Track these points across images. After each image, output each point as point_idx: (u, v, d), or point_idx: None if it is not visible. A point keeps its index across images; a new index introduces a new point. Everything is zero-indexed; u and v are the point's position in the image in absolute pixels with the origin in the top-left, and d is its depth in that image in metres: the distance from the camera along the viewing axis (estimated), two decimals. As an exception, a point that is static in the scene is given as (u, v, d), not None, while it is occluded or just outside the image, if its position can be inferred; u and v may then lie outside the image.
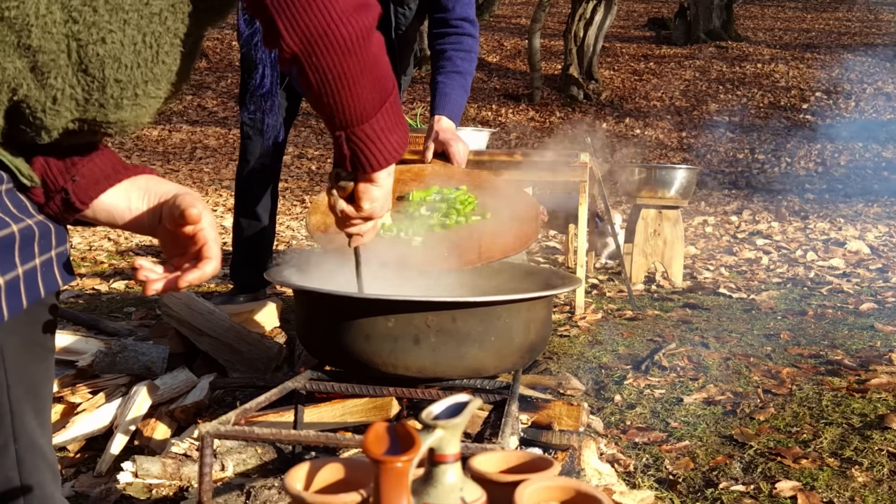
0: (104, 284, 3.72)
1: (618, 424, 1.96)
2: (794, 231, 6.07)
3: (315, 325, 1.55)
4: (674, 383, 2.28)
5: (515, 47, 15.21)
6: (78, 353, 2.07)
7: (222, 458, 1.53)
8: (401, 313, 1.42)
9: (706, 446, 1.83)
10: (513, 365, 1.56)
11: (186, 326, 2.12)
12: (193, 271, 0.84)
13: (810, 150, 9.91)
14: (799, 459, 1.74)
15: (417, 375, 1.47)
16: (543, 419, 1.73)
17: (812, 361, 2.51)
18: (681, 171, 3.92)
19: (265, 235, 2.74)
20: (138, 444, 1.79)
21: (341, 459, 0.75)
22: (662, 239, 3.94)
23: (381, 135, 0.98)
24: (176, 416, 1.85)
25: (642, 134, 11.00)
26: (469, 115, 11.51)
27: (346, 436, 1.18)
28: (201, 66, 13.75)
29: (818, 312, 3.25)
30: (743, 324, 3.04)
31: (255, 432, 1.19)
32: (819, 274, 4.24)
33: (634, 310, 3.27)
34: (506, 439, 1.22)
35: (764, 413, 2.02)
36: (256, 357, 2.11)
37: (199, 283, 0.84)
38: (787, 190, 8.34)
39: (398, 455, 0.61)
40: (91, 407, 1.88)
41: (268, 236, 2.76)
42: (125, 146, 10.51)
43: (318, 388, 1.51)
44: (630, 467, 1.70)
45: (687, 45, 14.93)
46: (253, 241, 2.72)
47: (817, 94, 12.06)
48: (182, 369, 2.04)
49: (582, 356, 2.55)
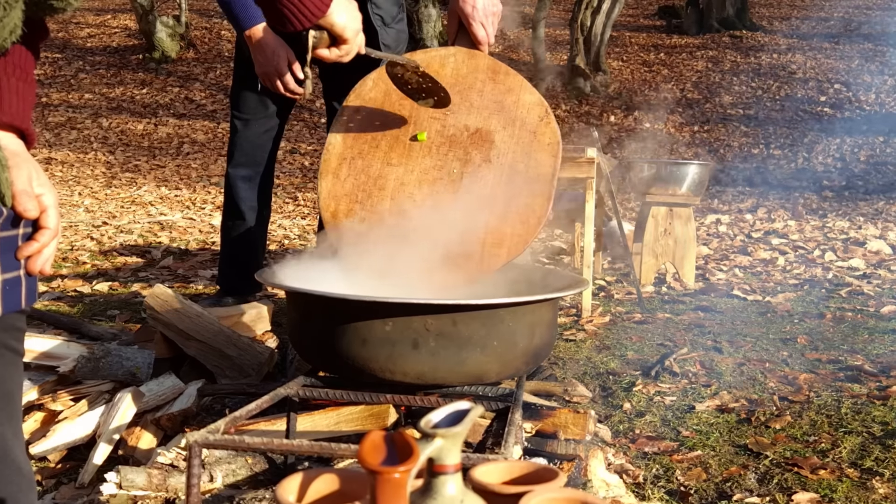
0: (86, 286, 3.72)
1: (626, 433, 1.96)
2: (812, 230, 6.07)
3: (308, 329, 1.55)
4: (685, 390, 2.28)
5: (519, 37, 15.20)
6: (59, 359, 2.07)
7: (211, 468, 1.53)
8: (399, 316, 1.42)
9: (719, 456, 1.83)
10: (516, 371, 1.56)
11: (173, 330, 2.12)
12: (31, 244, 0.85)
13: (828, 145, 9.91)
14: (817, 470, 1.74)
15: (416, 382, 1.47)
16: (548, 428, 1.73)
17: (830, 367, 2.51)
18: (693, 166, 3.92)
19: (257, 235, 2.74)
20: (122, 454, 1.79)
21: (336, 470, 0.75)
22: (673, 238, 3.94)
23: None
24: (162, 425, 1.85)
25: (652, 128, 11.00)
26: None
27: (340, 445, 1.18)
28: (188, 57, 13.75)
29: (837, 315, 3.25)
30: (758, 327, 3.04)
31: (245, 441, 1.19)
32: (838, 275, 4.24)
33: (644, 313, 3.27)
34: (509, 449, 1.22)
35: (780, 421, 2.02)
36: (247, 362, 2.11)
37: (37, 252, 0.85)
38: (804, 187, 8.34)
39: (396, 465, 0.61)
40: (73, 415, 1.88)
41: (260, 236, 2.76)
42: (108, 140, 10.51)
43: (311, 394, 1.51)
44: (639, 478, 1.70)
45: (699, 35, 14.93)
46: (243, 241, 2.71)
47: (836, 85, 12.06)
48: (168, 375, 2.04)
49: (589, 361, 2.54)
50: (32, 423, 1.89)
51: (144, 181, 8.64)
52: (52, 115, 11.39)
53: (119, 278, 3.98)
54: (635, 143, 10.32)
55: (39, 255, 0.85)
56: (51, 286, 3.71)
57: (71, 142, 10.44)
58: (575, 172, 3.00)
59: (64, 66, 13.51)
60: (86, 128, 11.02)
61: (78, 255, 4.70)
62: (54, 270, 4.12)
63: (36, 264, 0.85)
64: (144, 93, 12.45)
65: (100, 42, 14.78)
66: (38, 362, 2.07)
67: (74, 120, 11.29)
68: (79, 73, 13.25)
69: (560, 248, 5.26)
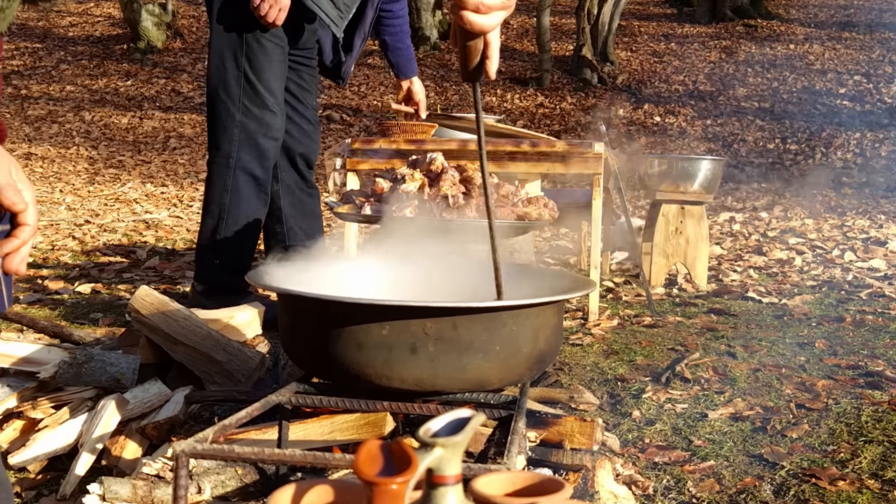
0: (68, 287, 3.72)
1: (635, 442, 1.96)
2: (831, 229, 6.07)
3: (301, 333, 1.55)
4: (697, 397, 2.28)
5: (522, 26, 15.21)
6: (39, 364, 2.07)
7: (199, 479, 1.53)
8: (396, 319, 1.42)
9: (733, 467, 1.83)
10: (520, 377, 1.56)
11: (159, 334, 2.12)
12: (11, 240, 0.85)
13: (848, 140, 9.92)
14: (836, 481, 1.74)
15: (414, 388, 1.47)
16: (553, 437, 1.74)
17: (850, 373, 2.51)
18: (705, 162, 3.92)
19: (252, 232, 2.75)
20: (106, 465, 1.79)
21: (330, 481, 0.75)
22: (685, 238, 3.95)
23: None
24: (147, 434, 1.85)
25: (663, 121, 11.01)
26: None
27: (335, 455, 1.18)
28: (175, 47, 13.76)
29: (857, 319, 3.25)
30: (774, 331, 3.04)
31: (234, 451, 1.19)
32: (858, 276, 4.25)
33: (654, 316, 3.27)
34: (512, 459, 1.22)
35: (797, 430, 2.02)
36: (236, 368, 2.11)
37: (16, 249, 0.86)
38: (822, 184, 8.35)
39: (393, 476, 0.61)
40: (54, 423, 1.88)
41: (255, 234, 2.77)
42: (91, 135, 10.52)
43: (304, 402, 1.52)
44: (649, 490, 1.70)
45: (712, 24, 14.93)
46: (239, 243, 2.72)
47: (856, 77, 12.07)
48: (154, 381, 2.04)
49: (596, 367, 2.55)
50: (11, 432, 1.89)
51: (129, 177, 8.65)
52: (31, 109, 11.40)
53: (102, 279, 3.98)
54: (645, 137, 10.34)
55: (17, 254, 0.85)
56: (31, 288, 3.71)
57: (52, 136, 10.45)
58: (581, 168, 3.00)
59: (44, 56, 13.52)
60: (67, 121, 11.02)
61: (59, 255, 4.70)
62: (34, 271, 4.12)
63: (13, 263, 0.85)
64: (129, 84, 12.46)
65: (82, 31, 14.79)
66: (17, 368, 2.06)
67: (55, 113, 11.30)
68: (60, 63, 13.26)
69: (566, 247, 5.26)
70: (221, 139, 2.74)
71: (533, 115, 11.40)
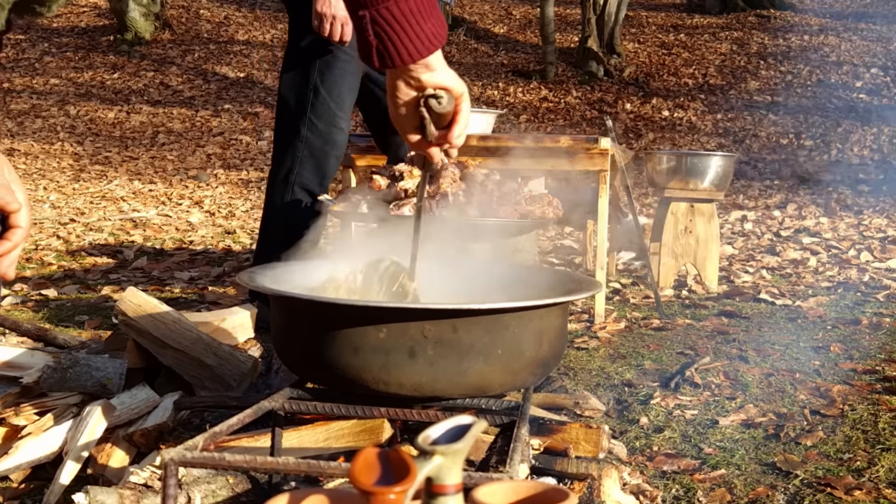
0: (53, 289, 3.73)
1: (643, 450, 1.97)
2: (847, 228, 6.07)
3: (295, 336, 1.55)
4: (708, 403, 2.28)
5: (526, 16, 15.22)
6: (22, 368, 2.07)
7: (188, 488, 1.53)
8: (394, 322, 1.42)
9: (745, 475, 1.83)
10: (523, 382, 1.56)
11: (147, 337, 2.12)
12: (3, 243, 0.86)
13: (864, 135, 9.91)
14: (851, 490, 1.74)
15: (413, 394, 1.47)
16: (558, 444, 1.74)
17: (867, 378, 2.51)
18: (716, 158, 3.92)
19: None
20: (92, 473, 1.79)
21: (325, 490, 0.75)
22: (695, 237, 3.95)
23: (411, 18, 0.99)
24: (135, 441, 1.86)
25: (671, 116, 11.01)
26: (472, 94, 11.52)
27: (330, 463, 1.18)
28: (164, 38, 13.76)
29: (873, 321, 3.25)
30: (787, 335, 3.05)
31: (226, 459, 1.19)
32: (875, 277, 4.25)
33: (662, 318, 3.27)
34: (514, 467, 1.22)
35: (811, 437, 2.03)
36: (228, 372, 2.11)
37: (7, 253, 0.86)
38: (837, 181, 8.35)
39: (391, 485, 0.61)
40: (37, 430, 1.88)
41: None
42: (76, 130, 10.52)
43: (298, 408, 1.52)
44: (657, 500, 1.70)
45: (723, 14, 14.94)
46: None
47: (873, 70, 12.07)
48: (142, 387, 2.04)
49: (602, 371, 2.55)
50: (-7, 440, 1.89)
51: (116, 174, 8.65)
52: (14, 102, 11.40)
53: (88, 280, 3.98)
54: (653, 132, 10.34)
55: (6, 258, 0.85)
56: (13, 289, 3.71)
57: (35, 131, 10.45)
58: (587, 165, 3.00)
59: (28, 48, 13.52)
60: (52, 116, 11.02)
61: (43, 255, 4.70)
62: (17, 272, 4.12)
63: (1, 266, 0.85)
64: (116, 77, 12.46)
65: (67, 22, 14.79)
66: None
67: (39, 107, 11.29)
68: (44, 55, 13.26)
69: (571, 247, 5.26)
70: (285, 153, 2.76)
71: (536, 109, 11.40)
